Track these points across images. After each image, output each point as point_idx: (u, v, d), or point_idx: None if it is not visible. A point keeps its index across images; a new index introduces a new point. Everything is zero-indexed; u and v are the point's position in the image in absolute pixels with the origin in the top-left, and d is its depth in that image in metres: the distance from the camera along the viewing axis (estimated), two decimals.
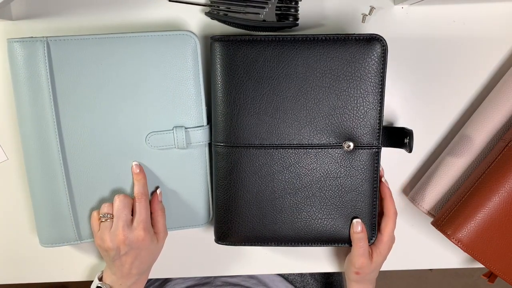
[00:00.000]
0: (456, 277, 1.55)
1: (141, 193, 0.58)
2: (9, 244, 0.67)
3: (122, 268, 0.59)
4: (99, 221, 0.58)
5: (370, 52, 0.56)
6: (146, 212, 0.58)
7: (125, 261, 0.58)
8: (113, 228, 0.57)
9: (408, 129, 0.58)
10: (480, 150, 0.62)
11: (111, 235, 0.57)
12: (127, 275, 0.59)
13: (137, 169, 0.59)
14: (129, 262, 0.58)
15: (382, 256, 0.62)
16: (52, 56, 0.55)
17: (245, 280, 0.77)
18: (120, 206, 0.57)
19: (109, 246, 0.57)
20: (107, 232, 0.57)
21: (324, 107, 0.57)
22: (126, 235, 0.56)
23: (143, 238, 0.57)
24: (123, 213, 0.57)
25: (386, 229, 0.62)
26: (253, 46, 0.56)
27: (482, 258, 0.59)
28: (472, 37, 0.64)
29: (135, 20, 0.61)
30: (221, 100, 0.58)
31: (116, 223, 0.57)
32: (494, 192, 0.57)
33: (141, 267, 0.60)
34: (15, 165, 0.65)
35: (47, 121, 0.56)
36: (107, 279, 0.60)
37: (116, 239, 0.56)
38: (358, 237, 0.60)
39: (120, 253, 0.57)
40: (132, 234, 0.57)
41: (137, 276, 0.60)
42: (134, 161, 0.59)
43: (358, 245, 0.61)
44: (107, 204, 0.58)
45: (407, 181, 0.68)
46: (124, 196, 0.58)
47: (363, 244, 0.61)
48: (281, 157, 0.59)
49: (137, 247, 0.57)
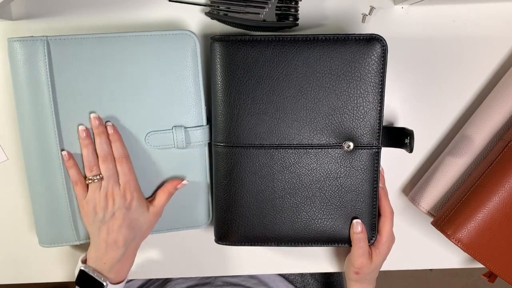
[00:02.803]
0: (456, 277, 1.55)
1: (122, 155, 0.57)
2: (9, 244, 0.67)
3: (108, 237, 0.57)
4: (85, 184, 0.57)
5: (370, 52, 0.56)
6: (131, 174, 0.58)
7: (112, 225, 0.57)
8: (102, 188, 0.57)
9: (409, 129, 0.58)
10: (480, 150, 0.62)
11: (100, 195, 0.56)
12: (113, 246, 0.57)
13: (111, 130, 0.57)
14: (117, 225, 0.57)
15: (381, 256, 0.62)
16: (52, 56, 0.55)
17: (246, 280, 0.77)
18: (106, 166, 0.57)
19: (98, 204, 0.56)
20: (97, 192, 0.57)
21: (324, 107, 0.57)
22: (116, 193, 0.56)
23: (131, 198, 0.57)
24: (110, 171, 0.57)
25: (384, 229, 0.62)
26: (253, 46, 0.56)
27: (482, 258, 0.59)
28: (472, 37, 0.64)
29: (135, 20, 0.61)
30: (221, 100, 0.58)
31: (106, 183, 0.56)
32: (494, 192, 0.57)
33: (128, 235, 0.58)
34: (15, 165, 0.65)
35: (47, 120, 0.56)
36: (90, 260, 0.58)
37: (105, 198, 0.56)
38: (358, 238, 0.60)
39: (107, 214, 0.56)
40: (121, 192, 0.57)
41: (123, 248, 0.58)
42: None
43: (358, 245, 0.61)
44: (91, 164, 0.57)
45: (407, 181, 0.68)
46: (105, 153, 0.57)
47: (363, 244, 0.61)
48: (281, 157, 0.59)
49: (124, 207, 0.57)
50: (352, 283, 0.65)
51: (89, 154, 0.57)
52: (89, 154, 0.57)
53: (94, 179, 0.57)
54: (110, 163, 0.57)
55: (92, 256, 0.58)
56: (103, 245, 0.57)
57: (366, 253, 0.61)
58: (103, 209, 0.57)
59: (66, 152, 0.57)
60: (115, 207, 0.57)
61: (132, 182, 0.58)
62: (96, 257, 0.58)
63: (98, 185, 0.57)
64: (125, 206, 0.57)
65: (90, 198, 0.57)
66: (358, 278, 0.63)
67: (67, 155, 0.57)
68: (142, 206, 0.59)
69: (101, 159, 0.57)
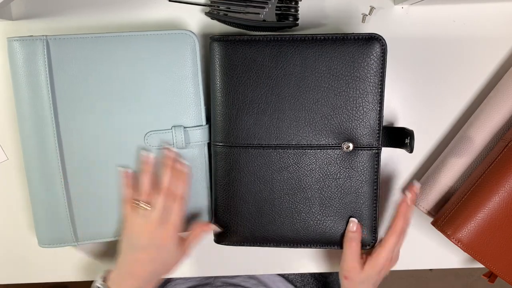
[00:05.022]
0: (456, 277, 1.55)
1: (182, 194, 0.57)
2: (9, 243, 0.67)
3: (133, 266, 0.56)
4: (132, 204, 0.56)
5: (369, 51, 0.56)
6: (180, 216, 0.57)
7: (142, 257, 0.56)
8: (144, 217, 0.55)
9: (409, 129, 0.58)
10: (480, 150, 0.62)
11: (140, 222, 0.55)
12: (135, 276, 0.56)
13: (183, 167, 0.56)
14: (146, 259, 0.56)
15: (374, 269, 0.58)
16: (51, 55, 0.55)
17: (245, 280, 0.77)
18: (157, 198, 0.55)
19: (136, 231, 0.55)
20: (140, 219, 0.55)
21: (323, 107, 0.57)
22: (155, 228, 0.55)
23: (168, 237, 0.56)
24: (159, 205, 0.55)
25: (387, 243, 0.58)
26: (251, 46, 0.56)
27: (482, 258, 0.59)
28: (472, 37, 0.64)
29: (135, 20, 0.61)
30: (220, 100, 0.58)
31: (149, 213, 0.55)
32: (494, 192, 0.57)
33: (152, 271, 0.57)
34: (15, 165, 0.65)
35: (46, 120, 0.56)
36: (110, 281, 0.57)
37: (144, 228, 0.55)
38: (350, 236, 0.58)
39: (141, 244, 0.55)
40: (162, 228, 0.55)
41: (143, 283, 0.57)
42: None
43: (349, 244, 0.59)
44: (143, 191, 0.56)
45: (407, 181, 0.68)
46: (161, 186, 0.56)
47: (354, 245, 0.58)
48: (279, 158, 0.59)
49: (158, 245, 0.56)
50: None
51: (147, 181, 0.57)
52: (146, 180, 0.57)
53: (143, 206, 0.56)
54: (166, 199, 0.56)
55: (113, 278, 0.57)
56: (127, 271, 0.57)
57: (357, 256, 0.59)
58: (139, 238, 0.56)
59: (125, 170, 0.57)
60: (151, 242, 0.56)
61: (177, 224, 0.57)
62: (116, 281, 0.57)
63: (144, 213, 0.56)
64: (161, 244, 0.56)
65: (132, 222, 0.56)
66: (347, 284, 0.60)
67: (126, 173, 0.57)
68: (176, 248, 0.57)
69: (156, 188, 0.56)
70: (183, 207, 0.57)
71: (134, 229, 0.56)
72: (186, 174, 0.58)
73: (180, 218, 0.57)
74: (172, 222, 0.56)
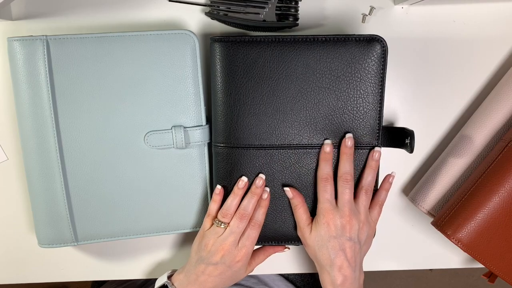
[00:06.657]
0: (456, 277, 1.55)
1: (259, 222, 0.58)
2: (9, 244, 0.67)
3: (200, 276, 0.58)
4: (212, 222, 0.59)
5: (370, 52, 0.56)
6: (254, 242, 0.58)
7: (210, 270, 0.58)
8: (221, 237, 0.57)
9: (409, 129, 0.58)
10: (480, 150, 0.62)
11: (216, 241, 0.57)
12: (200, 285, 0.58)
13: (265, 195, 0.59)
14: (213, 274, 0.58)
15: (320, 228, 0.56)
16: (51, 55, 0.55)
17: (245, 279, 0.77)
18: (238, 223, 0.57)
19: (207, 246, 0.57)
20: (215, 236, 0.57)
21: (324, 108, 0.57)
22: (229, 250, 0.57)
23: (240, 260, 0.58)
24: (238, 229, 0.57)
25: (318, 199, 0.58)
26: (253, 47, 0.56)
27: (482, 258, 0.59)
28: (472, 37, 0.64)
29: (135, 20, 0.61)
30: (221, 100, 0.58)
31: (227, 235, 0.57)
32: (494, 192, 0.57)
33: (217, 285, 0.59)
34: (15, 165, 0.65)
35: (45, 120, 0.56)
36: (177, 281, 0.60)
37: (219, 247, 0.57)
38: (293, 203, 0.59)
39: (210, 261, 0.57)
40: (236, 251, 0.57)
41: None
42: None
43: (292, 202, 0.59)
44: (228, 213, 0.58)
45: (407, 181, 0.68)
46: (245, 213, 0.58)
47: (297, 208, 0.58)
48: (281, 158, 0.59)
49: (229, 265, 0.57)
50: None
51: (233, 204, 0.58)
52: (234, 203, 0.58)
53: (221, 225, 0.57)
54: (244, 223, 0.57)
55: (180, 279, 0.60)
56: (194, 279, 0.59)
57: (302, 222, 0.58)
58: (213, 255, 0.57)
59: (220, 188, 0.59)
60: (223, 260, 0.57)
61: (251, 249, 0.59)
62: (183, 283, 0.59)
63: (220, 231, 0.57)
64: (231, 265, 0.58)
65: (208, 236, 0.58)
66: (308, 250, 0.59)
67: (220, 191, 0.59)
68: (244, 268, 0.59)
69: (239, 213, 0.57)
70: (258, 234, 0.59)
71: (209, 245, 0.57)
72: (268, 202, 0.59)
73: (254, 244, 0.59)
74: (246, 247, 0.58)
